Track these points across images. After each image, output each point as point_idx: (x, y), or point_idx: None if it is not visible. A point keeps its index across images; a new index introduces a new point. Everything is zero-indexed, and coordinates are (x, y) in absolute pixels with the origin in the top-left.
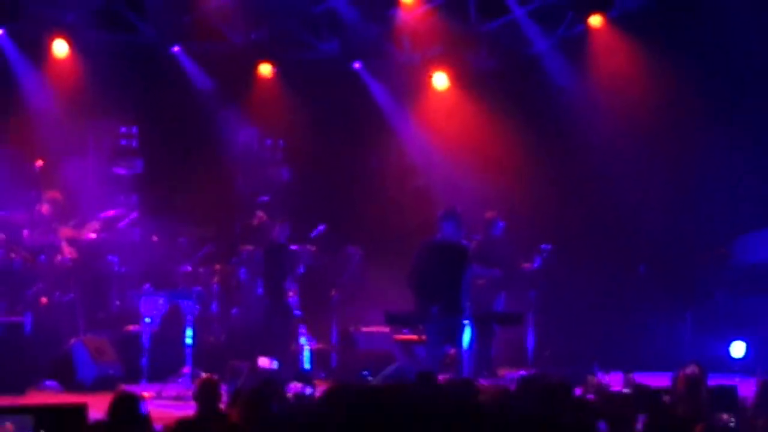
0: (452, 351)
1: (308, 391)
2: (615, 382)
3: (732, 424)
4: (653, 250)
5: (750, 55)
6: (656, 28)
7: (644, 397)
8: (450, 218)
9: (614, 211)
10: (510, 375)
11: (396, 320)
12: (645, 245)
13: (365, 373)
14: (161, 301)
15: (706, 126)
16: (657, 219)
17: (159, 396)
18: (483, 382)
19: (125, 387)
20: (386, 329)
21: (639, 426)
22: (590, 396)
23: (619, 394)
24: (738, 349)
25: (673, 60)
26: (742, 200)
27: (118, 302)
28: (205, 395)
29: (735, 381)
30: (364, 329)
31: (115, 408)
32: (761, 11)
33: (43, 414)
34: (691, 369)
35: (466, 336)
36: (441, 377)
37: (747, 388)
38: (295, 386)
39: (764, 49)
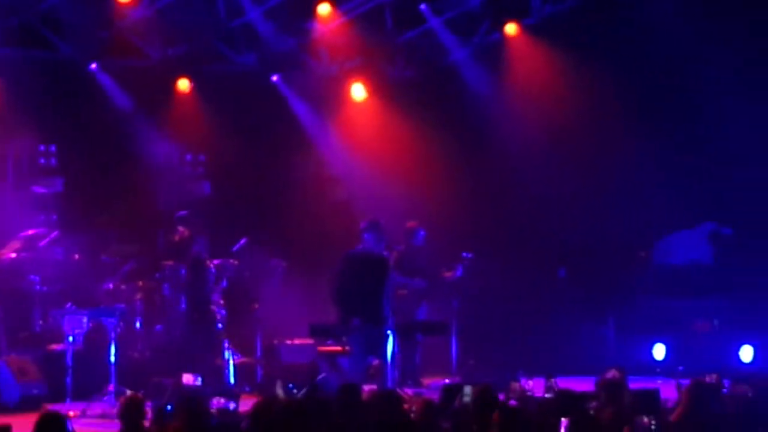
0: (376, 362)
1: (232, 406)
2: (538, 387)
3: (653, 428)
4: (573, 254)
5: (666, 59)
6: (571, 34)
7: (567, 401)
8: (371, 229)
9: (534, 217)
10: (435, 384)
11: (320, 332)
12: (565, 250)
13: (290, 386)
14: (84, 319)
15: (624, 130)
16: (577, 223)
17: (84, 414)
18: (408, 392)
19: (50, 406)
20: (310, 341)
21: (562, 430)
22: (513, 402)
23: (542, 399)
24: (659, 351)
25: (589, 65)
26: (660, 203)
27: (40, 321)
28: (130, 413)
29: (657, 383)
30: (288, 342)
31: (41, 428)
32: (676, 17)
33: None
34: (611, 373)
35: (389, 346)
36: (365, 388)
37: (668, 391)
38: (218, 401)
39: (680, 53)
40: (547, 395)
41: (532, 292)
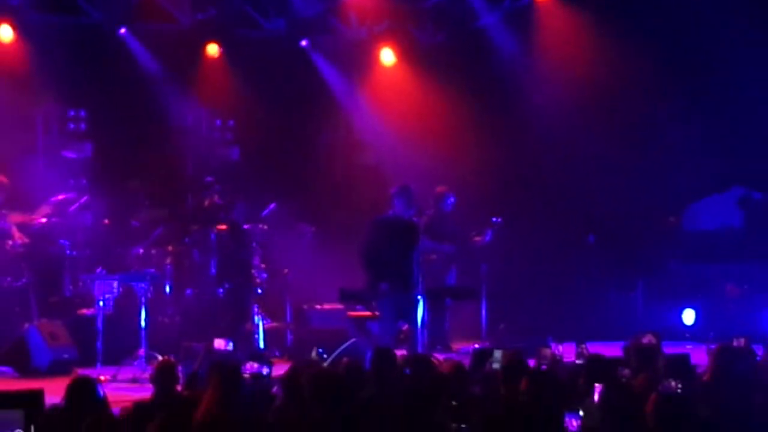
0: (406, 326)
1: (265, 371)
2: (568, 352)
3: (679, 391)
4: (602, 220)
5: (695, 23)
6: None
7: (599, 367)
8: (402, 194)
9: (563, 183)
10: (464, 348)
11: (349, 297)
12: (594, 215)
13: (320, 351)
14: (115, 284)
15: (653, 95)
16: (606, 189)
17: (114, 379)
18: (438, 356)
19: (80, 371)
20: (340, 306)
21: (595, 397)
22: (543, 367)
23: (573, 365)
24: (689, 316)
25: (618, 30)
26: (690, 168)
27: (71, 286)
28: (163, 378)
29: (687, 348)
30: (318, 307)
31: (72, 392)
32: None
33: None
34: (647, 339)
35: (419, 311)
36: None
37: (698, 356)
38: (251, 366)
39: (710, 17)
40: (578, 361)
41: (561, 258)
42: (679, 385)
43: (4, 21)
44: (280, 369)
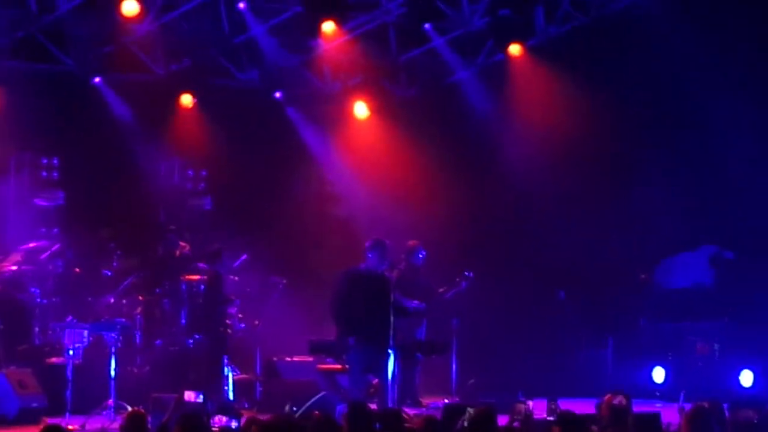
0: (376, 380)
1: (234, 424)
2: (539, 409)
3: None
4: (573, 276)
5: (667, 81)
6: (574, 56)
7: (571, 424)
8: (376, 248)
9: (535, 238)
10: (434, 404)
11: (319, 349)
12: (565, 271)
13: (293, 407)
14: (85, 333)
15: (625, 152)
16: (577, 245)
17: (83, 429)
18: (408, 411)
19: (49, 420)
20: (310, 359)
21: None
22: (516, 424)
23: (545, 422)
24: (659, 374)
25: (591, 87)
26: (661, 225)
27: (41, 334)
28: (133, 429)
29: (657, 407)
30: (288, 359)
31: None
32: (679, 38)
33: None
34: (618, 399)
35: (390, 365)
36: None
37: (669, 415)
38: (219, 420)
39: (681, 75)
40: (549, 417)
41: (532, 313)
42: None
43: None
44: None
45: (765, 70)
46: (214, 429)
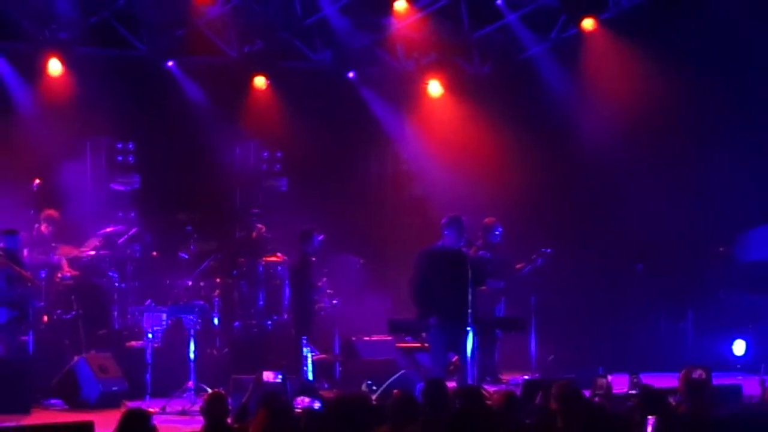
0: (455, 358)
1: (316, 405)
2: (619, 383)
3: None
4: (652, 249)
5: (746, 53)
6: (649, 28)
7: (653, 399)
8: (452, 225)
9: (612, 212)
10: (514, 380)
11: (398, 328)
12: (644, 245)
13: (369, 382)
14: (163, 316)
15: (705, 124)
16: (655, 218)
17: (163, 411)
18: (488, 388)
19: (129, 403)
20: (389, 338)
21: (648, 429)
22: (597, 399)
23: (628, 396)
24: (739, 347)
25: (667, 59)
26: (742, 198)
27: (120, 319)
28: (213, 409)
29: (738, 380)
30: (366, 338)
31: (124, 424)
32: (756, 10)
33: None
34: (697, 373)
35: (469, 342)
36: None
37: (750, 387)
38: (302, 401)
39: (760, 47)
40: (631, 392)
41: (611, 288)
42: None
43: (52, 55)
44: None
45: None
46: (297, 409)
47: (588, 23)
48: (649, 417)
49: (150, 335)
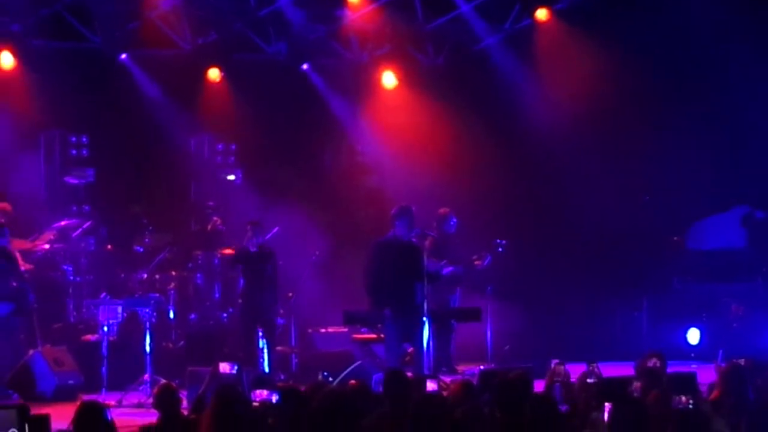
0: (411, 348)
1: (274, 398)
2: (576, 373)
3: (690, 406)
4: (606, 239)
5: (696, 42)
6: (602, 19)
7: (610, 386)
8: (403, 216)
9: (566, 203)
10: (469, 371)
11: (354, 320)
12: (598, 235)
13: (325, 374)
14: (119, 309)
15: (655, 114)
16: (612, 208)
17: (120, 404)
18: (444, 378)
19: (86, 396)
20: (344, 329)
21: (605, 416)
22: (557, 385)
23: (585, 384)
24: (694, 335)
25: (619, 50)
26: (693, 187)
27: (75, 312)
28: (164, 401)
29: (693, 368)
30: (323, 330)
31: (80, 417)
32: (707, 2)
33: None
34: (653, 362)
35: (425, 333)
36: None
37: (705, 375)
38: (260, 394)
39: (711, 34)
40: (589, 380)
41: (565, 278)
42: (690, 401)
43: (4, 47)
44: None
45: None
46: (254, 403)
47: (542, 14)
48: (606, 404)
49: (105, 328)
